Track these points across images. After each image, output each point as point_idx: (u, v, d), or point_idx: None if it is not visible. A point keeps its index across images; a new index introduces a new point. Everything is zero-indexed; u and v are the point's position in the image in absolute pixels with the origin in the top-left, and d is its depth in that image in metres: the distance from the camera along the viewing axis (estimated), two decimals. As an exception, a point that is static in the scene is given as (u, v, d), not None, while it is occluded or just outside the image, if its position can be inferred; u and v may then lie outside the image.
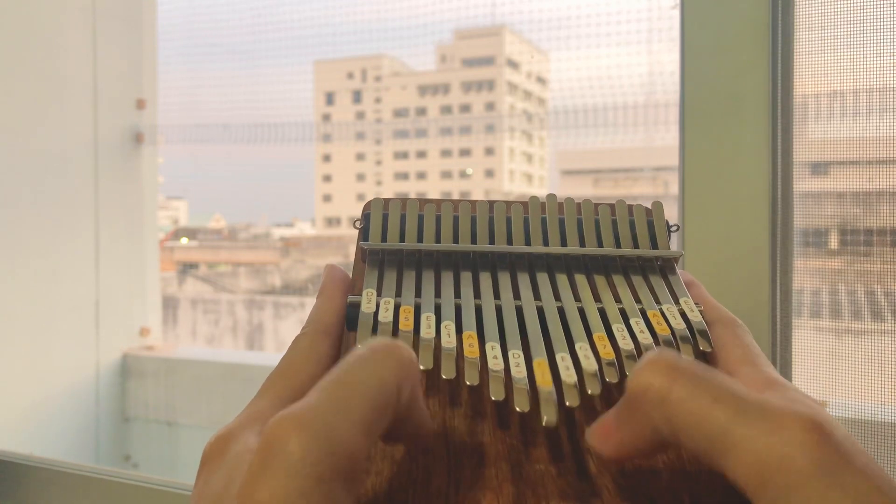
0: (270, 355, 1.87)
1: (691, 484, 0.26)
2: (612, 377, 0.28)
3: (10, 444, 1.15)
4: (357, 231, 0.36)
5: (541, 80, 2.57)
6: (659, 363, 0.23)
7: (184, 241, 2.46)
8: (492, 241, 0.36)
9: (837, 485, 0.20)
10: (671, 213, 0.39)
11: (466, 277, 0.34)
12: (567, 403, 0.27)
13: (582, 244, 0.36)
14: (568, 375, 0.28)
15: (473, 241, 0.36)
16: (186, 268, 2.36)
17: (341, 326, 0.31)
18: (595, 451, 0.26)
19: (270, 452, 0.20)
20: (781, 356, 0.62)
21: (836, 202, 0.64)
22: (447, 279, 0.34)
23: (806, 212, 0.62)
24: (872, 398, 0.59)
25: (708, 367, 0.24)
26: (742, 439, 0.21)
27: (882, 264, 0.63)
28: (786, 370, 0.62)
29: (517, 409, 0.26)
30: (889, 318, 0.64)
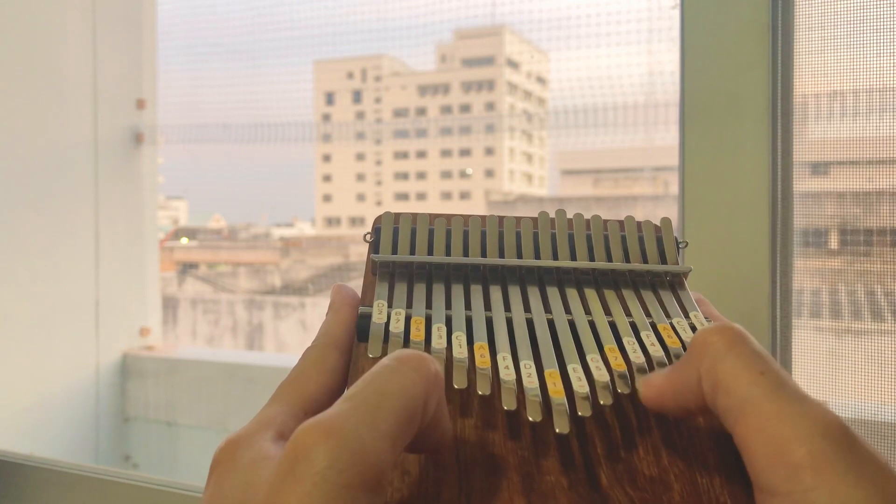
0: (270, 355, 1.87)
1: (703, 499, 0.26)
2: (623, 389, 0.28)
3: (10, 444, 1.15)
4: (368, 244, 0.36)
5: (541, 80, 2.58)
6: (726, 328, 0.26)
7: (184, 241, 2.46)
8: (502, 256, 0.36)
9: (849, 481, 0.21)
10: (671, 213, 0.39)
11: (477, 290, 0.34)
12: (579, 413, 0.27)
13: (592, 259, 0.36)
14: (580, 386, 0.28)
15: (483, 255, 0.35)
16: (186, 268, 2.36)
17: (350, 340, 0.32)
18: (639, 394, 0.27)
19: (297, 460, 0.20)
20: (781, 356, 0.62)
21: (836, 202, 0.64)
22: (457, 292, 0.34)
23: (806, 212, 0.62)
24: (872, 398, 0.59)
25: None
26: (773, 411, 0.23)
27: (882, 264, 0.63)
28: (786, 370, 0.62)
29: (529, 419, 0.26)
30: (889, 318, 0.64)
